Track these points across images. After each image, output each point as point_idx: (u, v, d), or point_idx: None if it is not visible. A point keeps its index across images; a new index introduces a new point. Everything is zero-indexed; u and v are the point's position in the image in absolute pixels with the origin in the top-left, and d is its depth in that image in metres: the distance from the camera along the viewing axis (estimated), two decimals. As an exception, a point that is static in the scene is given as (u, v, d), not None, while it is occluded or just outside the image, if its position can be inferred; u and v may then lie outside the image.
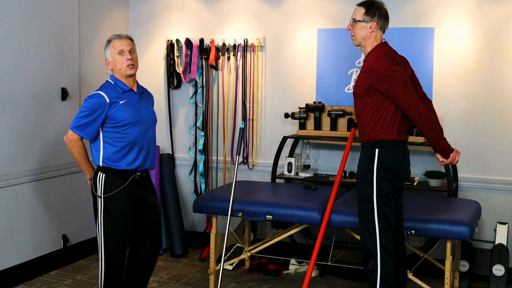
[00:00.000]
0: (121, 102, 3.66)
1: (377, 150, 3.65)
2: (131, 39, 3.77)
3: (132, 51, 3.72)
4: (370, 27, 3.68)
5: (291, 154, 5.29)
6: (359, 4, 3.76)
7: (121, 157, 3.65)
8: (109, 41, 3.74)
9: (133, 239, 3.82)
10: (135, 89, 3.77)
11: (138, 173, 3.73)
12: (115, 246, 3.68)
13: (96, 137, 3.67)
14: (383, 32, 3.75)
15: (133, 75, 3.74)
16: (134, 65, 3.71)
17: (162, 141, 5.77)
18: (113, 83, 3.72)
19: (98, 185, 3.67)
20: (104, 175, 3.66)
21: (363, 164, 3.72)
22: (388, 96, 3.60)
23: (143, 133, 3.74)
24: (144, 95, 3.85)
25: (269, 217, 4.34)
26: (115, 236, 3.67)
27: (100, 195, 3.65)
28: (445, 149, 3.70)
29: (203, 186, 5.60)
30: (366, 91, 3.64)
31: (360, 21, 3.70)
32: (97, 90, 3.68)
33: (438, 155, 3.74)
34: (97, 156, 3.69)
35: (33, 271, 4.84)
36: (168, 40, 5.62)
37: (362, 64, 3.80)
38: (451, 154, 3.73)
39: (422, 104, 3.61)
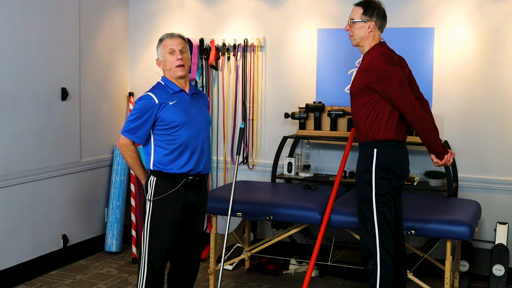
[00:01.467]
0: (170, 103, 3.52)
1: (375, 150, 3.65)
2: (183, 38, 3.66)
3: (183, 51, 3.60)
4: (369, 26, 3.69)
5: (291, 154, 5.29)
6: (357, 4, 3.76)
7: (172, 160, 3.51)
8: (160, 40, 3.64)
9: (178, 247, 3.68)
10: (186, 90, 3.61)
11: (191, 177, 3.55)
12: (159, 253, 3.53)
13: (148, 141, 3.55)
14: (381, 32, 3.76)
15: (184, 77, 3.59)
16: (184, 65, 3.57)
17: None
18: (163, 84, 3.61)
19: (149, 188, 3.54)
20: (155, 178, 3.52)
21: (361, 164, 3.72)
22: (385, 96, 3.60)
23: (195, 135, 3.55)
24: (197, 95, 3.68)
25: (269, 217, 4.34)
26: (160, 242, 3.52)
27: (150, 198, 3.53)
28: (440, 150, 3.70)
29: (203, 186, 5.59)
30: (363, 91, 3.64)
31: (358, 21, 3.70)
32: (147, 92, 3.57)
33: (433, 156, 3.74)
34: (148, 159, 3.56)
35: (33, 271, 4.84)
36: (168, 40, 5.62)
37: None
38: (446, 156, 3.72)
39: (418, 105, 3.61)
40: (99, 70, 5.46)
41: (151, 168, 3.55)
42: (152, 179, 3.54)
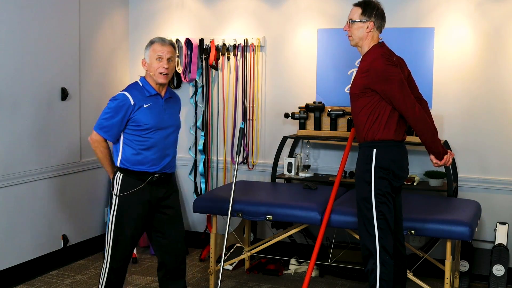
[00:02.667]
0: (145, 106, 3.59)
1: (374, 150, 3.65)
2: (174, 46, 3.69)
3: (171, 59, 3.64)
4: (367, 27, 3.69)
5: (291, 154, 5.29)
6: (356, 4, 3.76)
7: (139, 160, 3.60)
8: (151, 43, 3.65)
9: (158, 244, 3.74)
10: (162, 94, 3.69)
11: (157, 175, 3.64)
12: (122, 246, 3.63)
13: (117, 139, 3.63)
14: (380, 32, 3.76)
15: (162, 85, 3.66)
16: (168, 74, 3.62)
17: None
18: (141, 84, 3.65)
19: (115, 184, 3.63)
20: (122, 174, 3.61)
21: (361, 164, 3.73)
22: (385, 97, 3.61)
23: (164, 138, 3.65)
24: (171, 100, 3.76)
25: (269, 217, 4.34)
26: (124, 237, 3.62)
27: (116, 193, 3.62)
28: (439, 151, 3.70)
29: (203, 186, 5.60)
30: (363, 91, 3.64)
31: (357, 21, 3.71)
32: (122, 90, 3.61)
33: (432, 157, 3.75)
34: (116, 156, 3.65)
35: (33, 271, 4.84)
36: (168, 40, 5.62)
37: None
38: (445, 156, 3.73)
39: (418, 105, 3.62)
40: (99, 70, 5.46)
41: (118, 165, 3.64)
42: (119, 175, 3.63)
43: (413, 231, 4.00)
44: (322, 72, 5.24)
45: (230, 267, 5.11)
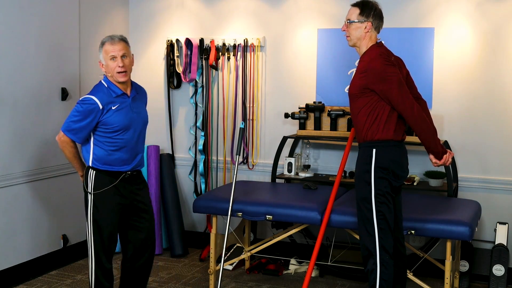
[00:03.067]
0: (113, 108, 3.63)
1: (374, 150, 3.65)
2: (125, 41, 3.71)
3: (125, 56, 3.66)
4: (365, 27, 3.70)
5: (291, 154, 5.29)
6: (354, 5, 3.77)
7: (110, 160, 3.67)
8: (102, 44, 3.68)
9: (127, 236, 3.85)
10: (128, 93, 3.74)
11: (129, 172, 3.74)
12: (103, 243, 3.71)
13: (87, 140, 3.68)
14: (378, 32, 3.77)
15: (125, 83, 3.71)
16: (126, 72, 3.65)
17: (162, 141, 5.76)
18: (106, 85, 3.68)
19: (89, 182, 3.68)
20: (94, 172, 3.68)
21: (360, 164, 3.73)
22: (383, 97, 3.61)
23: (134, 138, 3.73)
24: (137, 96, 3.81)
25: (269, 217, 4.34)
26: (103, 233, 3.70)
27: (90, 191, 3.67)
28: (439, 150, 3.70)
29: (203, 186, 5.60)
30: (362, 92, 3.65)
31: (355, 21, 3.71)
32: (89, 94, 3.64)
33: (431, 156, 3.75)
34: (87, 157, 3.70)
35: (33, 271, 4.84)
36: (168, 40, 5.62)
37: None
38: (444, 156, 3.73)
39: (417, 105, 3.62)
40: (99, 70, 5.42)
41: (90, 165, 3.69)
42: (92, 172, 3.68)
43: (413, 231, 4.00)
44: (322, 72, 5.24)
45: (230, 267, 5.11)
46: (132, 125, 3.69)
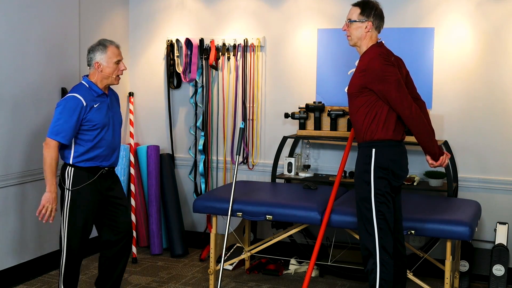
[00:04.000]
0: (95, 106, 3.80)
1: (373, 150, 3.65)
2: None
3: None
4: (366, 27, 3.70)
5: (291, 154, 5.29)
6: (354, 4, 3.78)
7: (90, 157, 3.82)
8: (105, 46, 3.83)
9: (104, 229, 3.99)
10: (107, 93, 3.92)
11: (106, 169, 3.89)
12: (77, 237, 3.84)
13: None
14: (379, 32, 3.77)
15: (108, 85, 3.90)
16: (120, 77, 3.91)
17: (162, 141, 5.77)
18: (87, 85, 3.83)
19: (66, 178, 3.81)
20: (73, 169, 3.80)
21: (360, 164, 3.73)
22: (382, 97, 3.61)
23: (112, 135, 3.90)
24: (113, 98, 4.03)
25: (269, 217, 4.34)
26: (78, 228, 3.82)
27: (68, 187, 3.79)
28: (436, 152, 3.70)
29: (203, 186, 5.60)
30: (360, 91, 3.65)
31: (355, 21, 3.72)
32: (71, 93, 3.77)
33: (428, 157, 3.75)
34: (68, 155, 3.82)
35: (33, 271, 4.84)
36: (168, 40, 5.62)
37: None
38: (441, 157, 3.73)
39: (415, 106, 3.62)
40: (99, 70, 5.45)
41: (71, 162, 3.80)
42: (70, 169, 3.80)
43: (413, 231, 4.00)
44: (322, 72, 5.24)
45: (230, 267, 5.11)
46: (110, 123, 3.88)
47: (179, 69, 5.61)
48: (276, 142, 5.28)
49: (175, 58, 5.61)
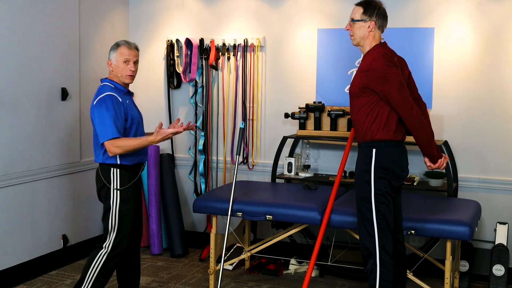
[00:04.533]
0: (127, 102, 3.88)
1: (374, 150, 3.65)
2: (138, 50, 3.95)
3: (136, 62, 3.90)
4: (369, 26, 3.70)
5: (291, 154, 5.29)
6: (358, 4, 3.78)
7: (136, 154, 3.86)
8: (118, 45, 3.86)
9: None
10: (129, 90, 4.00)
11: (143, 165, 3.98)
12: (124, 236, 3.84)
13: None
14: (382, 32, 3.77)
15: (127, 84, 3.94)
16: (133, 76, 3.90)
17: (162, 141, 5.75)
18: (113, 86, 3.85)
19: (112, 179, 3.79)
20: (118, 169, 3.80)
21: (360, 164, 3.73)
22: (383, 97, 3.61)
23: (141, 129, 3.99)
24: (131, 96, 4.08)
25: (269, 217, 4.34)
26: (127, 226, 3.84)
27: (117, 187, 3.78)
28: (434, 154, 3.70)
29: (203, 186, 5.60)
30: (362, 91, 3.65)
31: (358, 20, 3.72)
32: (105, 93, 3.76)
33: (426, 159, 3.75)
34: (101, 153, 3.81)
35: (33, 271, 4.84)
36: (168, 40, 5.62)
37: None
38: (439, 160, 3.72)
39: (416, 107, 3.62)
40: (99, 70, 5.45)
41: (118, 162, 3.79)
42: (114, 170, 3.80)
43: (413, 231, 4.00)
44: (322, 72, 5.24)
45: (230, 267, 5.11)
46: (139, 118, 3.99)
47: (179, 69, 5.61)
48: (276, 142, 5.28)
49: (175, 58, 5.61)
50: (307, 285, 4.14)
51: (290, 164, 5.15)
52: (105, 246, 3.82)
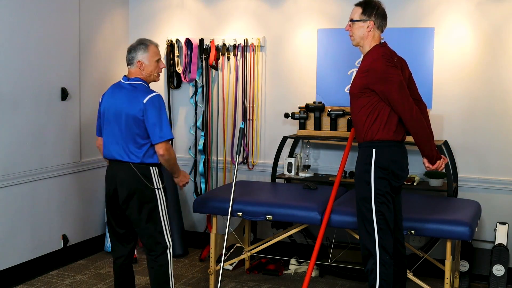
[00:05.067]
0: None
1: (374, 150, 3.65)
2: None
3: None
4: (368, 26, 3.70)
5: (291, 154, 5.29)
6: (357, 4, 3.79)
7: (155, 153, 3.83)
8: (146, 45, 3.80)
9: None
10: None
11: None
12: (170, 231, 3.89)
13: (148, 137, 3.78)
14: (382, 32, 3.77)
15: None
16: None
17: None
18: (146, 85, 3.84)
19: (153, 178, 3.79)
20: (156, 168, 3.81)
21: (360, 164, 3.73)
22: (383, 98, 3.61)
23: None
24: None
25: (269, 217, 4.34)
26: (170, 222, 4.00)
27: (158, 186, 3.80)
28: (433, 155, 3.70)
29: (203, 186, 5.60)
30: (362, 91, 3.65)
31: (357, 20, 3.72)
32: (156, 92, 3.74)
33: (425, 160, 3.75)
34: (151, 153, 3.76)
35: (33, 271, 4.84)
36: (168, 40, 5.62)
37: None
38: (438, 161, 3.72)
39: (416, 108, 3.62)
40: (99, 70, 5.46)
41: (158, 161, 3.79)
42: (154, 170, 3.80)
43: (413, 231, 4.00)
44: (322, 72, 5.24)
45: (230, 267, 5.11)
46: None
47: (179, 69, 5.61)
48: (276, 142, 5.28)
49: (175, 58, 5.61)
50: (307, 285, 4.14)
51: (290, 164, 5.15)
52: (168, 246, 3.81)
